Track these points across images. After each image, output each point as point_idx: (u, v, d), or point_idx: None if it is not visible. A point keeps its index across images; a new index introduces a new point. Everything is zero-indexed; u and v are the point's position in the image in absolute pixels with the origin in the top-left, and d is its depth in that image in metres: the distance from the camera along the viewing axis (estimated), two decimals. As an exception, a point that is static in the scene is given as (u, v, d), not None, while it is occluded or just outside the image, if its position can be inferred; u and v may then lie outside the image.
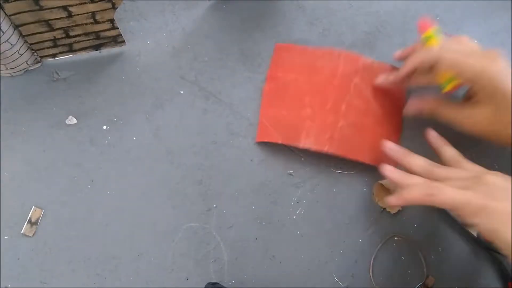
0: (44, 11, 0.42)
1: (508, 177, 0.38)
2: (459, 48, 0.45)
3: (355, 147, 0.48)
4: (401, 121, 0.51)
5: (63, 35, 0.46)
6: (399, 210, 0.47)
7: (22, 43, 0.45)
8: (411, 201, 0.40)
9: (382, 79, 0.50)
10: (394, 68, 0.52)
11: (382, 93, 0.51)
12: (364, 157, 0.48)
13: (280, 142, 0.48)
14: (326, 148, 0.48)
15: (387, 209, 0.48)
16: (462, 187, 0.38)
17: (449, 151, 0.44)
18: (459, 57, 0.43)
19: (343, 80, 0.51)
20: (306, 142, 0.48)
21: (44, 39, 0.46)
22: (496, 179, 0.38)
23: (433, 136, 0.46)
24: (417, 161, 0.43)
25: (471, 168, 0.42)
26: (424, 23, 0.47)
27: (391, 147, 0.46)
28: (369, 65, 0.52)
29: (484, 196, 0.37)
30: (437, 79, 0.46)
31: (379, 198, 0.48)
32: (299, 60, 0.52)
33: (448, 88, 0.46)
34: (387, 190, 0.47)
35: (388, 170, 0.43)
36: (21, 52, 0.45)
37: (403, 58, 0.49)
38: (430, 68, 0.45)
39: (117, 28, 0.47)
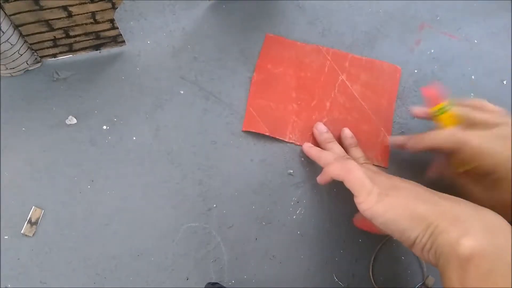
0: (44, 11, 0.42)
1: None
2: (485, 134, 0.41)
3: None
4: (391, 120, 0.51)
5: (63, 35, 0.46)
6: None
7: (22, 43, 0.45)
8: (332, 176, 0.42)
9: (392, 140, 0.48)
10: (388, 67, 0.52)
11: (370, 89, 0.52)
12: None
13: (267, 133, 0.49)
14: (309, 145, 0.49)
15: None
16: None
17: (356, 152, 0.48)
18: (486, 146, 0.40)
19: (330, 77, 0.52)
20: (291, 137, 0.49)
21: (44, 39, 0.46)
22: (399, 179, 0.41)
23: (347, 134, 0.49)
24: (336, 148, 0.47)
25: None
26: (430, 93, 0.43)
27: (320, 128, 0.49)
28: (358, 61, 0.52)
29: (383, 187, 0.38)
30: (452, 161, 0.43)
31: None
32: (288, 54, 0.52)
33: (460, 170, 0.43)
34: None
35: (305, 146, 0.48)
36: (21, 52, 0.45)
37: (420, 116, 0.47)
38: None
39: (117, 28, 0.47)
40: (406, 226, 0.36)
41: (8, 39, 0.42)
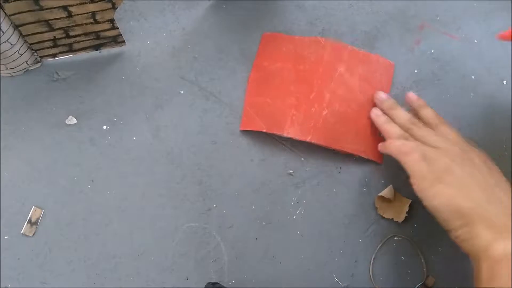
0: (44, 11, 0.42)
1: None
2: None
3: (338, 137, 0.48)
4: None
5: (63, 35, 0.46)
6: (406, 217, 0.47)
7: (22, 43, 0.45)
8: (390, 153, 0.44)
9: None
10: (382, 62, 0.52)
11: (368, 82, 0.51)
12: (347, 147, 0.48)
13: (264, 130, 0.48)
14: (309, 138, 0.47)
15: (394, 219, 0.47)
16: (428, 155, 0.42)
17: (426, 112, 0.47)
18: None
19: (328, 68, 0.51)
20: (289, 131, 0.47)
21: (44, 39, 0.46)
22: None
23: (412, 97, 0.49)
24: (401, 114, 0.47)
25: (446, 134, 0.44)
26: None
27: (380, 96, 0.49)
28: (355, 54, 0.52)
29: (438, 171, 0.40)
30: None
31: (383, 210, 0.48)
32: (286, 48, 0.52)
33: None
34: (389, 201, 0.47)
35: (374, 113, 0.48)
36: (21, 52, 0.45)
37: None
38: None
39: (117, 28, 0.47)
40: (446, 217, 0.39)
41: (8, 39, 0.42)
